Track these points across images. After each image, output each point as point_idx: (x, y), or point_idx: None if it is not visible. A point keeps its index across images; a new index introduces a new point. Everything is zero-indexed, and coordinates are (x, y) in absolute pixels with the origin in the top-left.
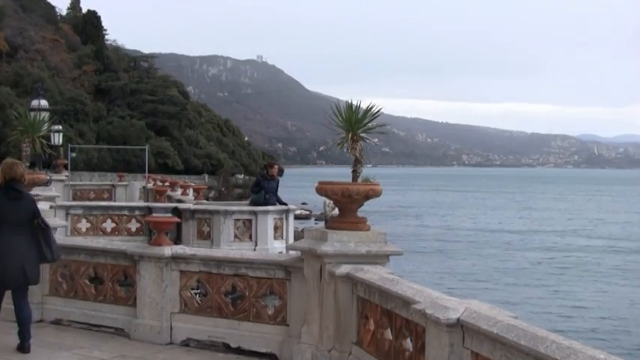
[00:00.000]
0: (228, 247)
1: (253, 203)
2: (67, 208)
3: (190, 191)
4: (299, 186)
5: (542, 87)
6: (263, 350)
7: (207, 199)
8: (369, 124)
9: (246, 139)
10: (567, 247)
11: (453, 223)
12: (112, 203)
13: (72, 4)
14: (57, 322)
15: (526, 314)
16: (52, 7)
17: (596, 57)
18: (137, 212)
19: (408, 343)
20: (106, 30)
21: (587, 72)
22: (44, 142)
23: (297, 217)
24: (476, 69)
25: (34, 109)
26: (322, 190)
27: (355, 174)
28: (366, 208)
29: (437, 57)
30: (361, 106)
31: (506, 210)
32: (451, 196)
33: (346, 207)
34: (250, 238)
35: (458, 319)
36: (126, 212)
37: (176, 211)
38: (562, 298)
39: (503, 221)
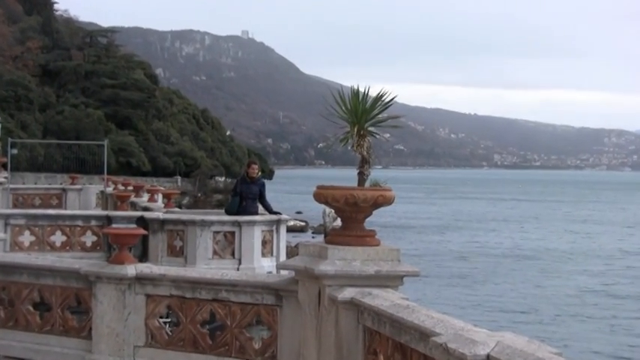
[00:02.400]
0: (206, 266)
1: (227, 210)
2: (5, 217)
3: (159, 197)
4: (293, 191)
5: (594, 71)
6: None
7: (179, 206)
8: (380, 116)
9: (228, 133)
10: (626, 272)
11: (482, 239)
12: (62, 211)
13: None
14: None
15: (573, 353)
16: None
17: None
18: (93, 223)
19: None
20: None
21: None
22: None
23: (290, 230)
24: (511, 49)
25: None
26: (321, 196)
27: (362, 177)
28: (375, 220)
29: (463, 33)
30: (370, 93)
31: (548, 223)
32: (480, 205)
33: (351, 217)
34: (233, 254)
35: (488, 356)
36: (79, 223)
37: (142, 222)
38: (618, 334)
39: (544, 237)
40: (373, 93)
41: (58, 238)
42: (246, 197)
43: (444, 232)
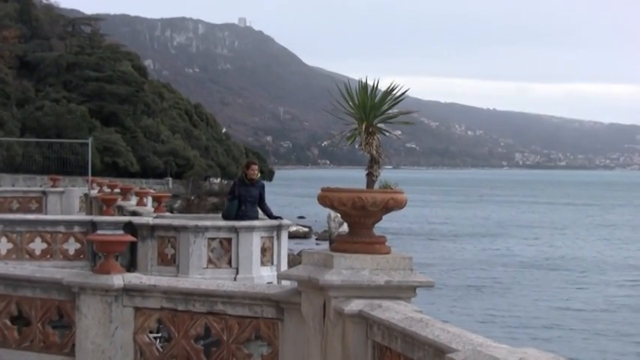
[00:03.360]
0: (200, 276)
1: (224, 215)
2: None
3: (149, 200)
4: (294, 194)
5: (626, 62)
6: None
7: (171, 211)
8: (390, 112)
9: (223, 130)
10: None
11: (501, 246)
12: (42, 216)
13: None
14: None
15: None
16: None
17: None
18: (77, 229)
19: None
20: None
21: None
22: None
23: (292, 236)
24: (534, 38)
25: None
26: (326, 199)
27: (371, 178)
28: (385, 225)
29: (481, 21)
30: (379, 86)
31: (574, 230)
32: (499, 209)
33: (359, 222)
34: (229, 263)
35: None
36: (61, 228)
37: (130, 228)
38: None
39: (570, 245)
40: (383, 86)
41: (38, 245)
42: (245, 201)
43: (459, 239)
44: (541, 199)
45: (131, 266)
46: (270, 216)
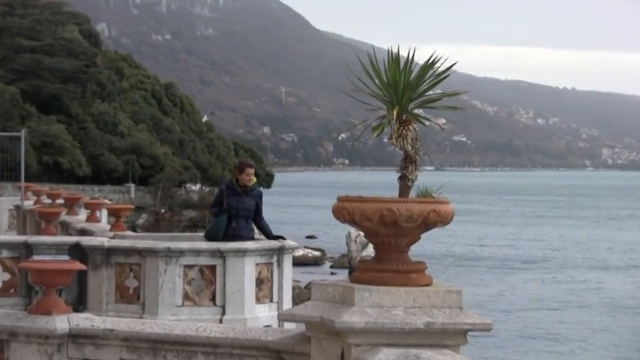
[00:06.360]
0: (174, 317)
1: (208, 235)
2: None
3: (103, 214)
4: (301, 205)
5: None
6: None
7: (134, 229)
8: (431, 93)
9: (204, 118)
10: None
11: (581, 279)
12: None
13: None
14: None
15: None
16: None
17: None
18: (5, 253)
19: None
20: None
21: None
22: None
23: (298, 263)
24: None
25: None
26: (345, 212)
27: (405, 183)
28: (422, 248)
29: None
30: (416, 58)
31: None
32: (582, 227)
33: (389, 243)
34: (213, 300)
35: None
36: None
37: (78, 252)
38: None
39: None
40: (421, 58)
41: None
42: (236, 215)
43: (525, 269)
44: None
45: (80, 304)
46: (269, 235)
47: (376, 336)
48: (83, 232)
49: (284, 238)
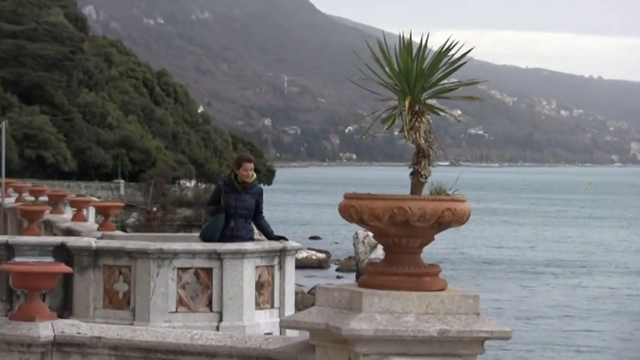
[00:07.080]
0: (167, 324)
1: (203, 235)
2: None
3: (91, 213)
4: (305, 203)
5: None
6: None
7: (124, 228)
8: (446, 82)
9: (200, 109)
10: None
11: (609, 284)
12: None
13: None
14: None
15: None
16: None
17: None
18: None
19: None
20: None
21: None
22: None
23: (301, 265)
24: None
25: None
26: (352, 211)
27: (418, 179)
28: (435, 249)
29: None
30: (429, 44)
31: None
32: (609, 228)
33: (399, 245)
34: (209, 305)
35: None
36: None
37: (63, 253)
38: None
39: None
40: (435, 44)
41: None
42: (234, 214)
43: (547, 273)
44: None
45: (65, 309)
46: (270, 236)
47: (386, 344)
48: (69, 232)
49: (286, 239)
